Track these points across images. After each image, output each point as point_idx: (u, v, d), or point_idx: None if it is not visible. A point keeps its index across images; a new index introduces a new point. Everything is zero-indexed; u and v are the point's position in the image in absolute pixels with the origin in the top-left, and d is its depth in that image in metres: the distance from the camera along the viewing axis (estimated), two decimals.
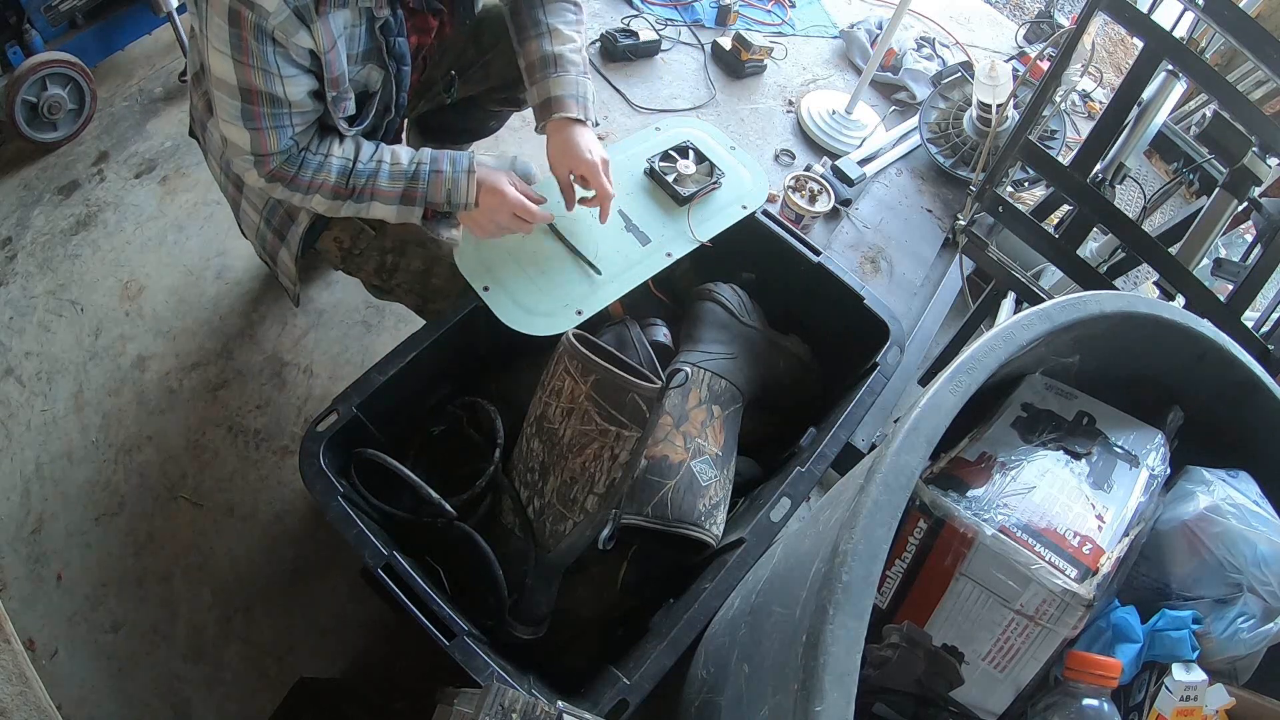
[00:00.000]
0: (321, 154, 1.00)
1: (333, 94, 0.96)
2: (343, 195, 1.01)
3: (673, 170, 1.22)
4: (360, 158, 1.02)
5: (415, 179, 1.03)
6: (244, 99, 0.90)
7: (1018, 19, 2.88)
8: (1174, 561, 0.73)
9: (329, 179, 1.00)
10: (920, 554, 0.68)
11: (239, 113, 0.91)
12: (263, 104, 0.91)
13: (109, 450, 1.31)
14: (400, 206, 1.04)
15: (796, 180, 1.86)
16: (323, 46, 0.90)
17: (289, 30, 0.85)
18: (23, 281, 1.44)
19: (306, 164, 0.99)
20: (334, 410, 0.96)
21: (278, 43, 0.86)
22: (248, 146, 0.94)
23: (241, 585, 1.23)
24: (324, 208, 1.03)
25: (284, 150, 0.96)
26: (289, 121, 0.94)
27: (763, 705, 0.61)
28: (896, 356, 1.15)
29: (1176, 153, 2.27)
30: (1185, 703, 0.66)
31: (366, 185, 1.01)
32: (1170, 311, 0.74)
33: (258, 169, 0.97)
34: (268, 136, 0.94)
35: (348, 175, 1.01)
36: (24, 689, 1.03)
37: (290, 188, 0.99)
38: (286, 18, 0.84)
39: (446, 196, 1.03)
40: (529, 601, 0.98)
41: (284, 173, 0.98)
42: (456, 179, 1.03)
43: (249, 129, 0.92)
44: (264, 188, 1.01)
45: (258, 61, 0.87)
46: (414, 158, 1.04)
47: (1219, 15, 1.18)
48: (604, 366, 0.94)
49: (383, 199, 1.03)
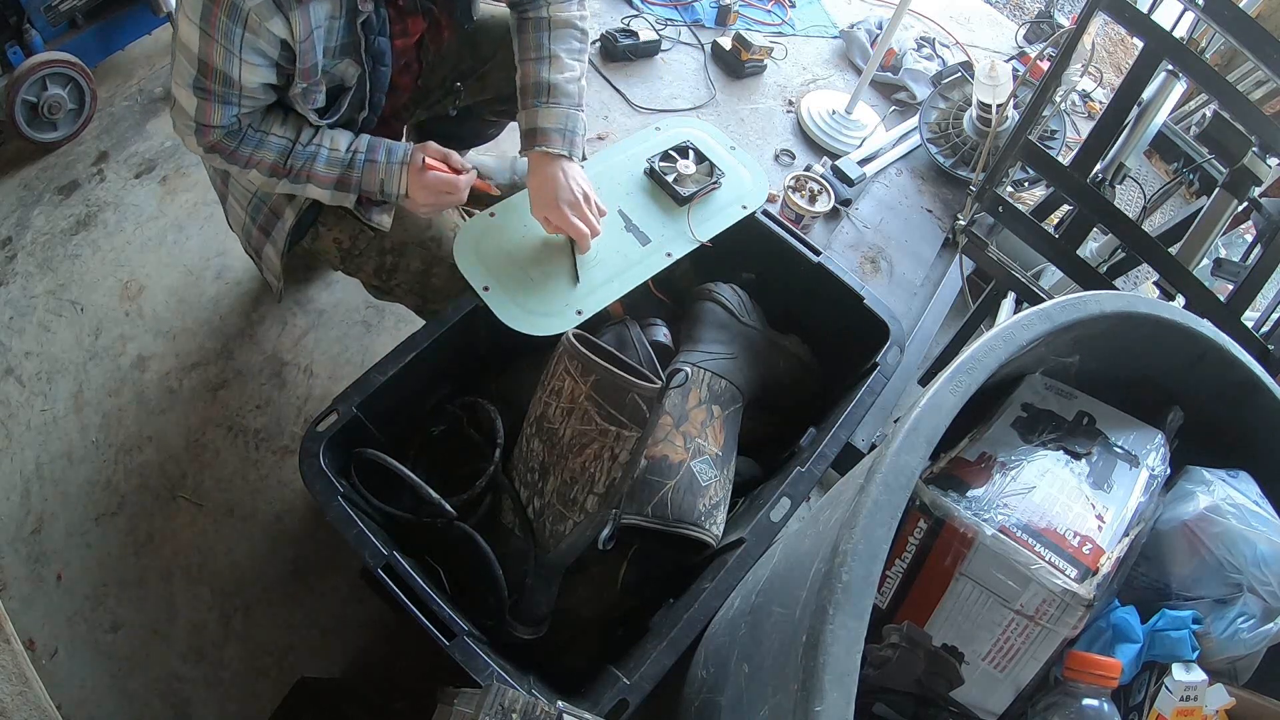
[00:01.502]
0: (262, 131, 1.01)
1: (303, 85, 0.96)
2: (280, 174, 1.03)
3: (673, 170, 1.22)
4: (300, 140, 1.03)
5: (350, 166, 1.04)
6: (199, 69, 0.91)
7: (1018, 19, 2.88)
8: (1174, 561, 0.73)
9: (267, 157, 1.01)
10: (920, 554, 0.68)
11: (191, 79, 0.92)
12: (215, 80, 0.92)
13: (109, 450, 1.31)
14: (334, 191, 1.05)
15: (796, 180, 1.86)
16: (298, 35, 0.89)
17: (264, 15, 0.85)
18: (23, 281, 1.44)
19: (247, 140, 1.00)
20: (334, 410, 0.96)
21: (249, 27, 0.87)
22: (192, 112, 0.95)
23: (241, 585, 1.23)
24: (260, 182, 1.05)
25: (225, 125, 0.97)
26: (236, 102, 0.95)
27: (763, 705, 0.61)
28: (896, 356, 1.15)
29: (1176, 153, 2.27)
30: (1185, 703, 0.66)
31: (304, 168, 1.03)
32: (1170, 311, 0.74)
33: (197, 137, 0.98)
34: (214, 108, 0.95)
35: (286, 155, 1.02)
36: (24, 689, 1.03)
37: (228, 160, 1.01)
38: (264, 2, 0.84)
39: (380, 186, 1.05)
40: (529, 601, 0.98)
41: (224, 146, 0.99)
42: (390, 169, 1.05)
43: (198, 96, 0.93)
44: (202, 156, 1.02)
45: (222, 39, 0.87)
46: (351, 144, 1.05)
47: (1219, 15, 1.18)
48: (604, 366, 0.94)
49: (318, 183, 1.04)
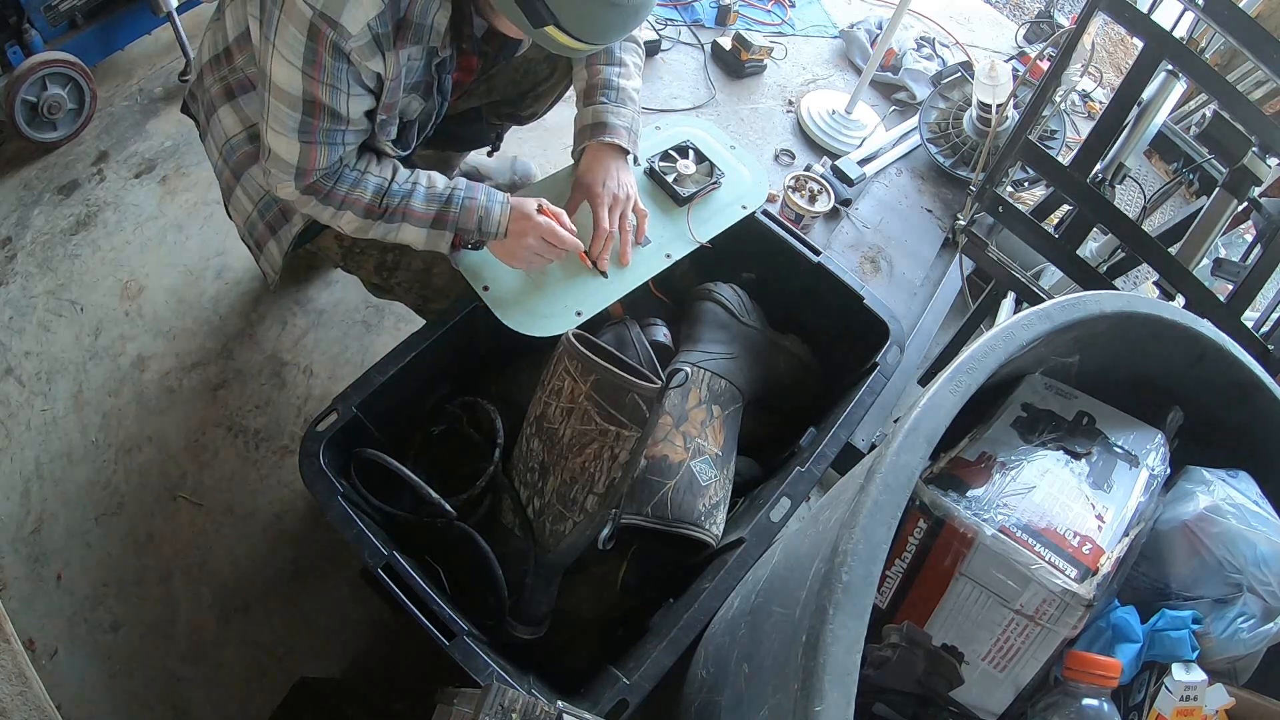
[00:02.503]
0: (359, 170, 0.99)
1: (382, 118, 0.97)
2: (375, 214, 1.00)
3: (672, 170, 1.22)
4: (397, 178, 1.01)
5: (449, 203, 1.02)
6: (305, 111, 0.89)
7: (1018, 19, 2.88)
8: (1174, 561, 0.73)
9: (364, 196, 0.99)
10: (920, 554, 0.68)
11: (296, 124, 0.90)
12: (323, 118, 0.90)
13: (109, 450, 1.31)
14: (431, 230, 1.02)
15: (796, 180, 1.85)
16: (390, 74, 0.91)
17: (365, 55, 0.86)
18: (23, 281, 1.44)
19: (344, 178, 0.98)
20: (334, 410, 0.96)
21: (352, 63, 0.87)
22: (294, 160, 0.94)
23: (241, 585, 1.23)
24: (352, 227, 1.02)
25: (329, 166, 0.96)
26: (342, 139, 0.94)
27: (763, 705, 0.61)
28: (896, 356, 1.15)
29: (1176, 153, 2.27)
30: (1185, 703, 0.66)
31: (400, 205, 1.00)
32: (1170, 311, 0.74)
33: (297, 182, 0.96)
34: (319, 151, 0.93)
35: (383, 194, 1.00)
36: (24, 689, 1.03)
37: (324, 202, 0.98)
38: (367, 43, 0.85)
39: (478, 224, 1.02)
40: (529, 601, 0.98)
41: (321, 186, 0.97)
42: (490, 207, 1.02)
43: (302, 142, 0.92)
44: (296, 201, 0.99)
45: (329, 78, 0.87)
46: (449, 184, 1.04)
47: (1219, 15, 1.18)
48: (604, 366, 0.94)
49: (414, 220, 1.01)
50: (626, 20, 0.88)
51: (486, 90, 1.30)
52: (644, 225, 1.14)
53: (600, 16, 0.85)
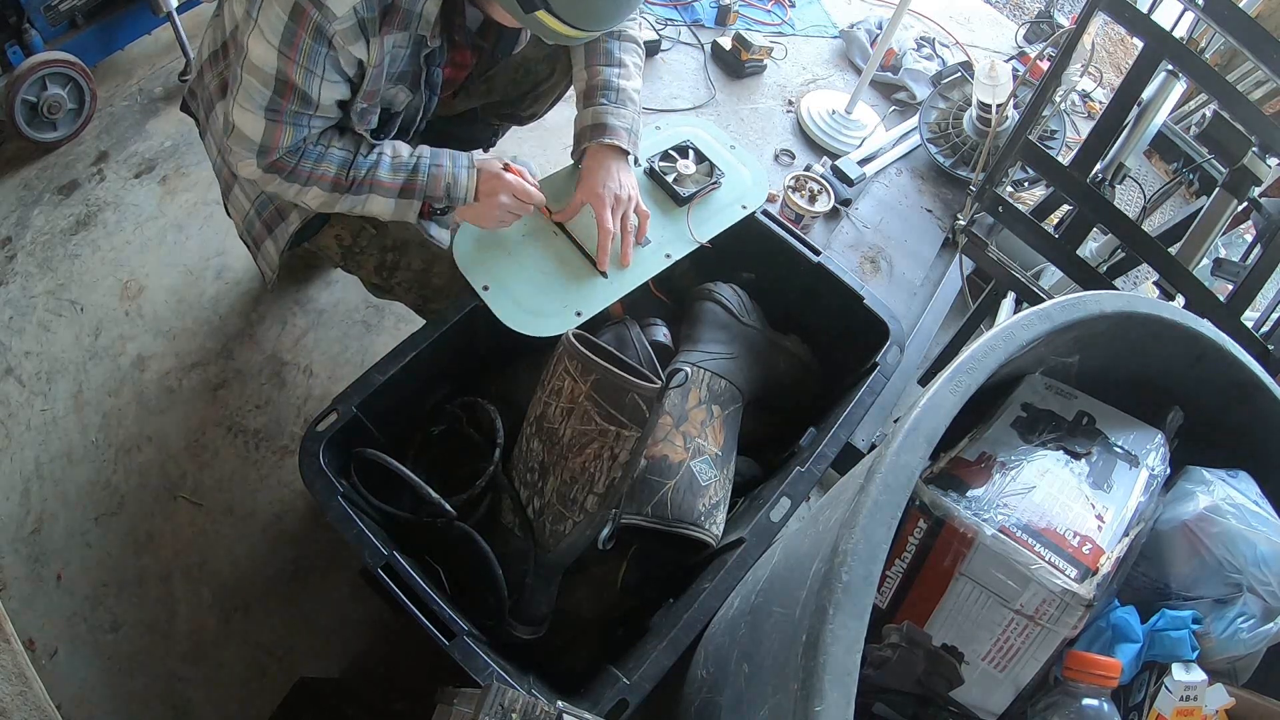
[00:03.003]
0: (323, 145, 1.00)
1: (362, 105, 0.97)
2: (342, 187, 1.01)
3: (672, 170, 1.22)
4: (361, 150, 1.02)
5: (416, 171, 1.02)
6: (276, 90, 0.90)
7: (1018, 19, 2.88)
8: (1174, 561, 0.73)
9: (330, 170, 0.99)
10: (920, 554, 0.68)
11: (265, 102, 0.91)
12: (293, 100, 0.91)
13: (109, 450, 1.31)
14: (399, 200, 1.03)
15: (796, 180, 1.85)
16: (373, 60, 0.90)
17: (348, 39, 0.86)
18: (23, 281, 1.44)
19: (308, 154, 0.98)
20: (334, 410, 0.96)
21: (333, 47, 0.87)
22: (258, 137, 0.94)
23: (241, 585, 1.23)
24: (318, 202, 1.02)
25: (293, 145, 0.96)
26: (308, 124, 0.95)
27: (763, 705, 0.61)
28: (896, 356, 1.15)
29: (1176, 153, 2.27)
30: (1185, 703, 0.66)
31: (366, 176, 1.01)
32: (1170, 311, 0.74)
33: (259, 159, 0.96)
34: (284, 131, 0.94)
35: (348, 167, 1.00)
36: (24, 689, 1.02)
37: (289, 179, 0.99)
38: (350, 26, 0.85)
39: (446, 190, 1.03)
40: (529, 601, 0.98)
41: (285, 164, 0.97)
42: (457, 173, 1.03)
43: (268, 120, 0.92)
44: (259, 179, 1.00)
45: (305, 60, 0.87)
46: (414, 152, 1.04)
47: (1219, 15, 1.18)
48: (604, 366, 0.94)
49: (381, 191, 1.02)
50: (620, 5, 0.87)
51: (486, 90, 1.30)
52: (645, 226, 1.14)
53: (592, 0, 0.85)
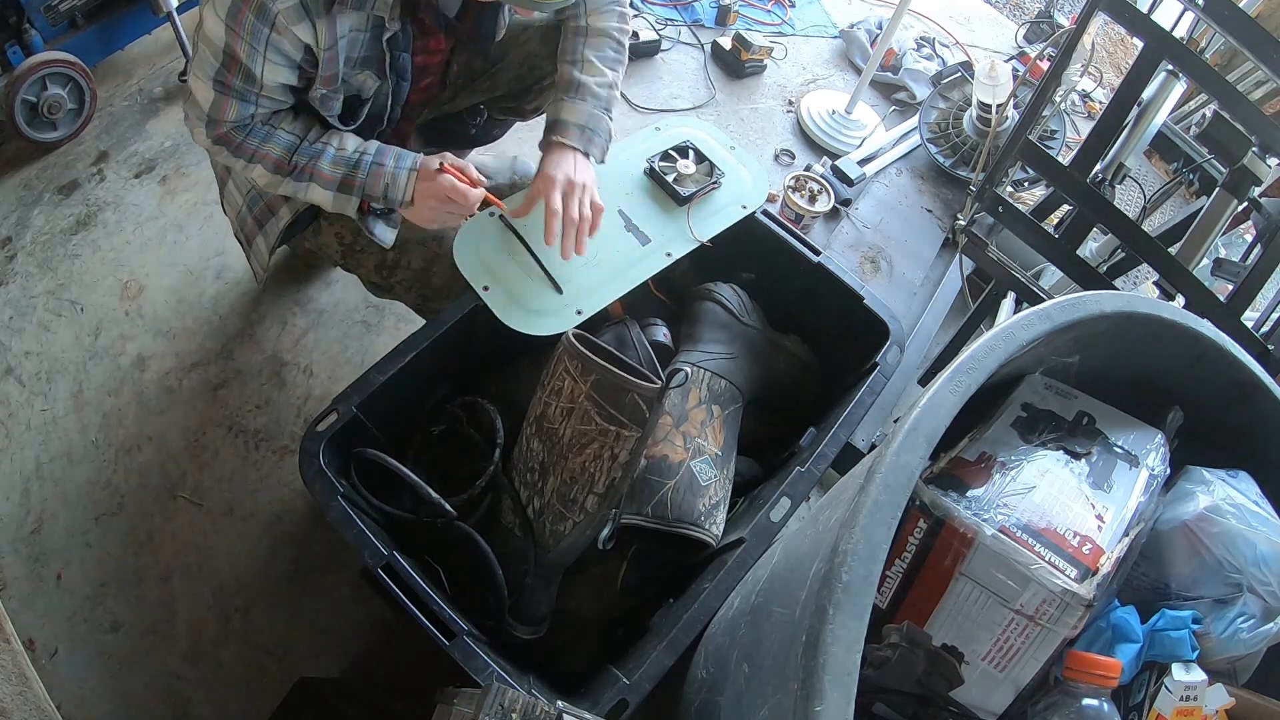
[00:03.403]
0: (271, 126, 1.00)
1: (322, 91, 0.97)
2: (283, 170, 1.01)
3: (672, 170, 1.22)
4: (309, 137, 1.02)
5: (356, 167, 1.02)
6: (224, 62, 0.91)
7: (1018, 19, 2.88)
8: (1174, 561, 0.73)
9: (274, 151, 1.00)
10: (920, 554, 0.68)
11: (214, 72, 0.92)
12: (238, 75, 0.92)
13: (109, 450, 1.31)
14: (337, 194, 1.03)
15: (796, 180, 1.85)
16: (323, 43, 0.90)
17: (291, 19, 0.86)
18: (23, 281, 1.44)
19: (254, 133, 0.99)
20: (334, 410, 0.96)
21: (275, 28, 0.87)
22: (206, 106, 0.95)
23: (241, 585, 1.23)
24: (264, 181, 1.03)
25: (237, 120, 0.97)
26: (254, 101, 0.95)
27: (763, 705, 0.61)
28: (896, 356, 1.15)
29: (1176, 153, 2.27)
30: (1185, 703, 0.66)
31: (308, 164, 1.01)
32: (1170, 311, 0.74)
33: (207, 130, 0.98)
34: (230, 104, 0.95)
35: (292, 151, 1.01)
36: (24, 689, 1.03)
37: (235, 154, 1.00)
38: (293, 6, 0.85)
39: (384, 190, 1.02)
40: (529, 601, 0.98)
41: (231, 138, 0.98)
42: (396, 174, 1.02)
43: (216, 91, 0.94)
44: (209, 149, 1.01)
45: (247, 35, 0.88)
46: (359, 147, 1.03)
47: (1219, 15, 1.18)
48: (604, 366, 0.94)
49: (321, 182, 1.02)
50: None
51: (490, 85, 1.30)
52: (598, 220, 1.09)
53: None
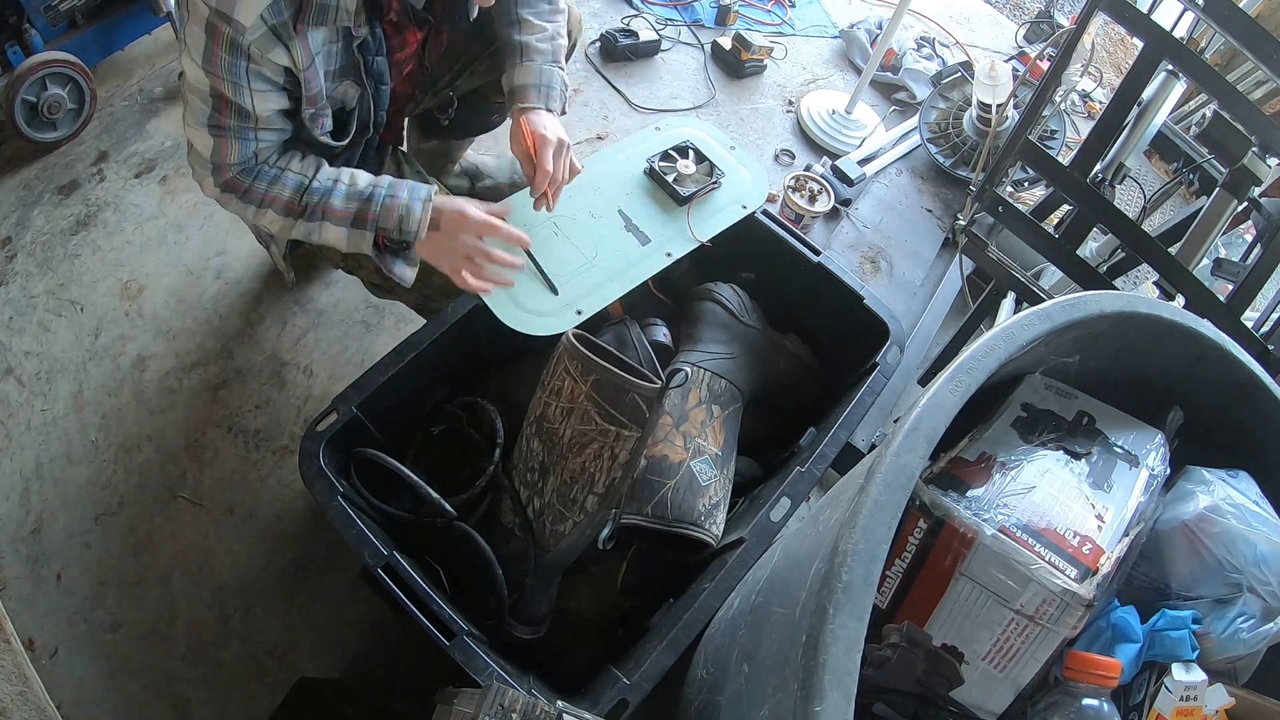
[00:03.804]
0: (279, 168, 0.99)
1: (310, 111, 0.95)
2: (295, 212, 0.99)
3: (672, 170, 1.22)
4: (318, 176, 1.00)
5: (370, 201, 1.00)
6: (213, 106, 0.90)
7: (1018, 19, 2.88)
8: (1174, 561, 0.73)
9: (283, 193, 0.98)
10: (920, 554, 0.68)
11: (206, 118, 0.91)
12: (230, 114, 0.91)
13: (109, 450, 1.31)
14: (351, 230, 1.01)
15: (796, 180, 1.85)
16: (300, 64, 0.89)
17: (265, 47, 0.85)
18: (23, 281, 1.44)
19: (261, 175, 0.98)
20: (334, 410, 0.96)
21: (252, 59, 0.86)
22: (208, 153, 0.94)
23: (241, 585, 1.23)
24: (276, 227, 1.01)
25: (241, 162, 0.95)
26: (253, 136, 0.94)
27: (763, 705, 0.61)
28: (896, 356, 1.15)
29: (1176, 153, 2.27)
30: (1185, 703, 0.66)
31: (320, 203, 0.99)
32: (1170, 311, 0.74)
33: (214, 178, 0.96)
34: (230, 145, 0.93)
35: (302, 191, 0.99)
36: (24, 689, 1.03)
37: (244, 200, 0.98)
38: (263, 34, 0.84)
39: (398, 223, 1.00)
40: (529, 601, 0.98)
41: (239, 183, 0.97)
42: (410, 205, 1.00)
43: (213, 136, 0.93)
44: (218, 199, 1.00)
45: (227, 74, 0.87)
46: (372, 181, 1.02)
47: (1219, 15, 1.18)
48: (604, 366, 0.94)
49: (334, 219, 1.00)
50: None
51: (490, 68, 1.29)
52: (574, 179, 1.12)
53: None
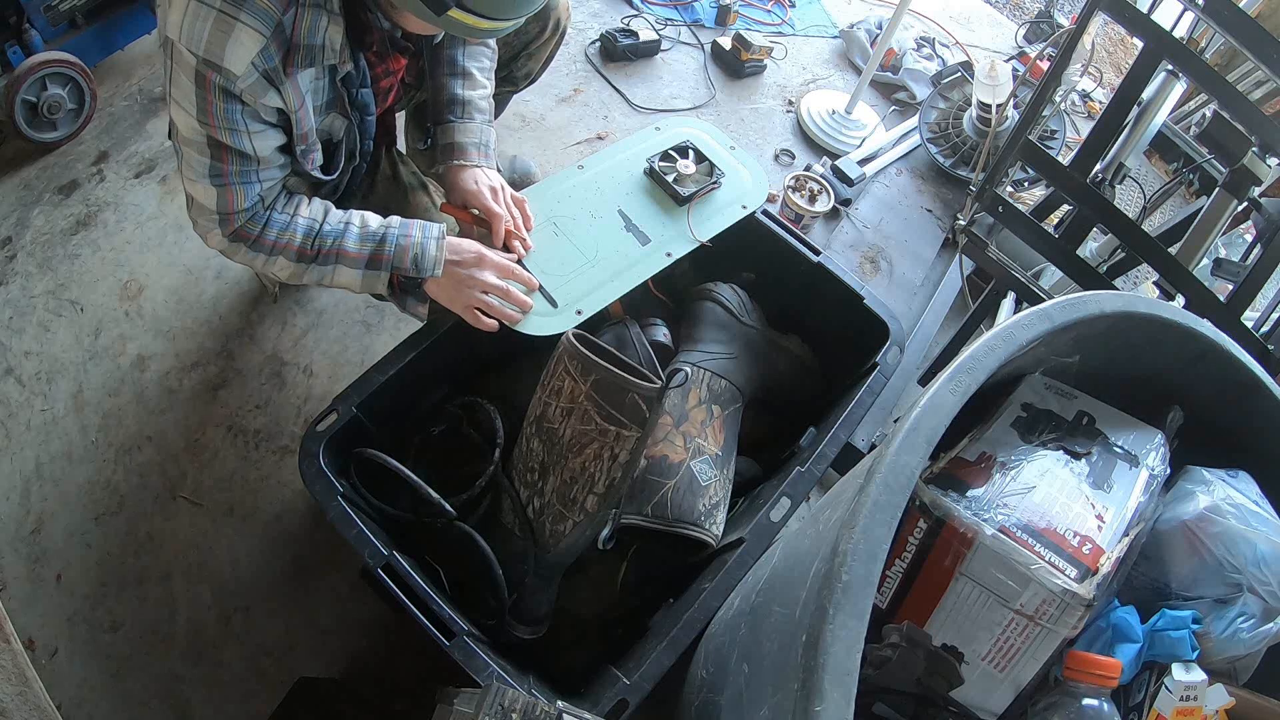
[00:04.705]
0: (288, 214, 0.98)
1: (301, 147, 0.95)
2: (307, 258, 0.99)
3: (672, 170, 1.22)
4: (329, 220, 1.00)
5: (384, 241, 1.00)
6: (213, 156, 0.89)
7: (1018, 19, 2.88)
8: (1174, 561, 0.73)
9: (294, 239, 0.97)
10: (920, 554, 0.68)
11: (207, 169, 0.90)
12: (232, 161, 0.90)
13: (109, 450, 1.31)
14: (366, 272, 1.00)
15: (796, 180, 1.85)
16: (292, 105, 0.89)
17: (257, 93, 0.85)
18: (23, 281, 1.44)
19: (272, 223, 0.97)
20: (334, 410, 0.96)
21: (245, 103, 0.86)
22: (213, 205, 0.93)
23: (241, 585, 1.23)
24: (287, 273, 1.00)
25: (249, 208, 0.94)
26: (256, 179, 0.93)
27: (763, 705, 0.61)
28: (896, 356, 1.15)
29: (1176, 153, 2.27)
30: (1185, 703, 0.66)
31: (332, 247, 0.99)
32: (1170, 311, 0.74)
33: (222, 228, 0.95)
34: (235, 193, 0.92)
35: (313, 236, 0.98)
36: (24, 689, 1.02)
37: (254, 249, 0.97)
38: (255, 81, 0.83)
39: (414, 262, 1.00)
40: (529, 601, 0.98)
41: (248, 232, 0.96)
42: (425, 244, 1.00)
43: (216, 186, 0.91)
44: (227, 250, 0.98)
45: (224, 121, 0.86)
46: (384, 222, 1.02)
47: (1219, 15, 1.18)
48: (604, 366, 0.94)
49: (348, 262, 1.00)
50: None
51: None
52: (525, 211, 1.12)
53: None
